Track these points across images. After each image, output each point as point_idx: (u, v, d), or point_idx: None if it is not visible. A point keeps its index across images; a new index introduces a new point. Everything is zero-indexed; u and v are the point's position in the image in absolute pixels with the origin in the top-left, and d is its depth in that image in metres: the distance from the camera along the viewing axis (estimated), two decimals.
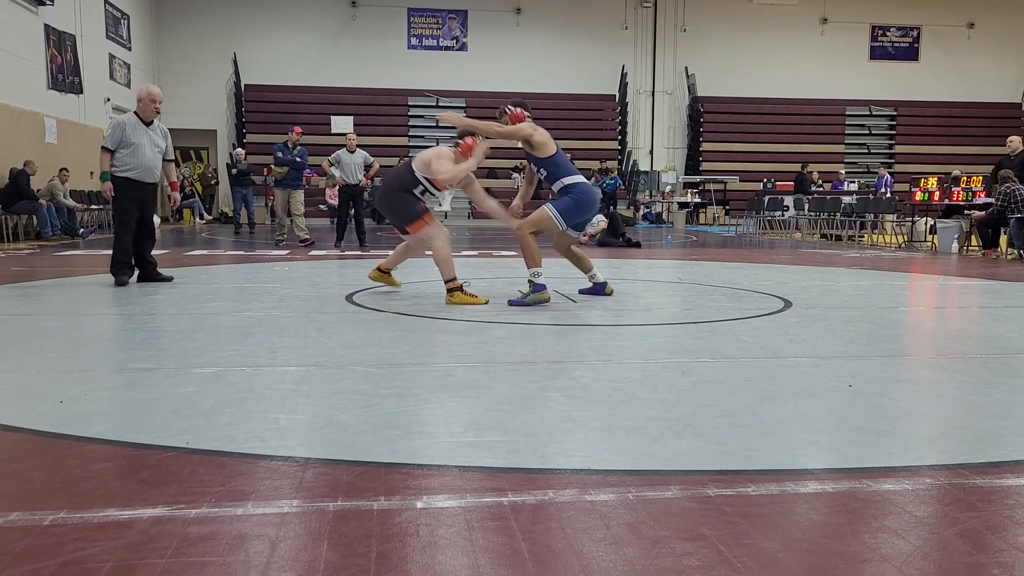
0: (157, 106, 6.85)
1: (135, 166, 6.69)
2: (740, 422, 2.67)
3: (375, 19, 24.00)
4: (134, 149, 6.65)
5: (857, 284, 7.28)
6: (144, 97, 6.79)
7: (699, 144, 24.97)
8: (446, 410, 2.79)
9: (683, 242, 14.76)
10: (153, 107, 6.81)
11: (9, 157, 13.58)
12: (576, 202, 5.66)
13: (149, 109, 6.79)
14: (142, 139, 6.71)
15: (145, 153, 6.71)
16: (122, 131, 6.64)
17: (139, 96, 6.83)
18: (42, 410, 2.76)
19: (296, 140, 11.70)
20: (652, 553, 1.71)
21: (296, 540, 1.76)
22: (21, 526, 1.81)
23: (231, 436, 2.47)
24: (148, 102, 6.77)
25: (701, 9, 24.99)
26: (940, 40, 26.04)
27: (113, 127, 6.74)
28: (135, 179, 6.69)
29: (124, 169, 6.65)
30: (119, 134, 6.64)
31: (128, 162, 6.66)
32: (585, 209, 5.71)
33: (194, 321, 4.72)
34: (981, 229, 11.44)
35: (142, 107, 6.78)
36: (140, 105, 6.79)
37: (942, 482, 2.15)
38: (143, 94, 6.81)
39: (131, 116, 6.76)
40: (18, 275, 7.46)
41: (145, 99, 6.77)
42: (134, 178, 6.68)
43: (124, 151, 6.64)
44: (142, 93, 6.83)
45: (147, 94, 6.80)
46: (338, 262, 9.29)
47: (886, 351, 4.06)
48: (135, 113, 6.78)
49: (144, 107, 6.77)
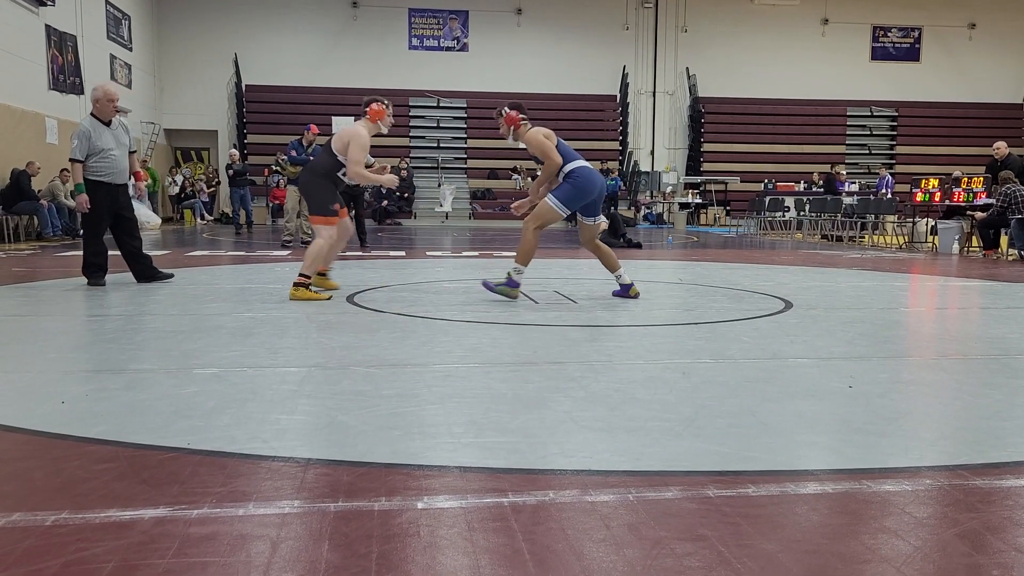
0: (115, 105, 6.68)
1: (107, 170, 6.56)
2: (740, 423, 2.67)
3: (376, 19, 24.02)
4: (103, 154, 6.51)
5: (858, 285, 7.28)
6: (101, 98, 6.56)
7: (700, 145, 24.97)
8: (447, 411, 2.79)
9: (684, 243, 14.76)
10: (112, 107, 6.63)
11: (10, 157, 13.59)
12: (574, 187, 5.64)
13: (108, 109, 6.60)
14: (108, 142, 6.55)
15: (115, 155, 6.59)
16: (88, 139, 6.45)
17: (95, 97, 6.58)
18: (44, 411, 2.77)
19: (312, 139, 11.63)
20: (652, 554, 1.71)
21: (297, 541, 1.76)
22: (23, 526, 1.81)
23: (232, 437, 2.47)
24: (106, 102, 6.57)
25: (702, 10, 24.99)
26: (941, 40, 26.04)
27: (79, 137, 6.46)
28: (107, 182, 6.57)
29: (97, 175, 6.51)
30: (86, 143, 6.44)
31: (100, 167, 6.52)
32: (586, 192, 5.67)
33: (195, 322, 4.72)
34: (982, 230, 11.44)
35: (100, 108, 6.57)
36: (98, 106, 6.57)
37: (942, 483, 2.15)
38: (100, 95, 6.58)
39: (91, 121, 6.54)
40: (19, 275, 7.47)
41: (103, 100, 6.56)
42: (107, 182, 6.56)
43: (94, 157, 6.48)
44: (99, 94, 6.59)
45: (104, 94, 6.57)
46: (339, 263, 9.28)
47: (886, 352, 4.06)
48: (93, 116, 6.57)
49: (102, 108, 6.58)
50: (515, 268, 5.66)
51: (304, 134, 11.59)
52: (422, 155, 24.20)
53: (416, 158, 23.94)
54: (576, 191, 5.64)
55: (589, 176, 5.68)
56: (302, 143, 11.56)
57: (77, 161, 6.44)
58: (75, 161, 6.45)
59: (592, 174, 5.73)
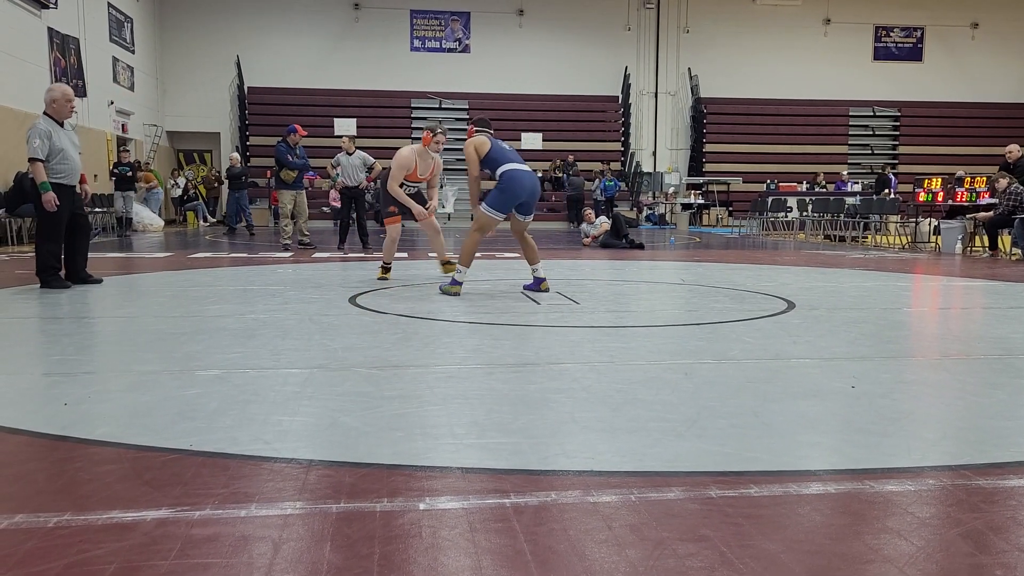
0: (72, 106, 6.64)
1: (67, 172, 6.51)
2: (743, 423, 2.67)
3: (378, 21, 24.04)
4: (63, 154, 6.46)
5: (860, 285, 7.27)
6: (59, 98, 6.50)
7: (702, 145, 24.97)
8: (449, 412, 2.79)
9: (686, 243, 14.75)
10: (70, 107, 6.59)
11: (13, 160, 13.62)
12: (501, 191, 6.09)
13: (66, 109, 6.55)
14: (65, 142, 6.50)
15: (72, 156, 6.56)
16: (49, 138, 6.38)
17: (53, 97, 6.49)
18: (46, 412, 2.77)
19: (298, 140, 11.52)
20: (655, 554, 1.71)
21: (299, 542, 1.76)
22: (26, 528, 1.81)
23: (235, 438, 2.48)
24: (64, 102, 6.51)
25: (704, 10, 24.98)
26: (944, 40, 26.00)
27: (40, 136, 6.35)
28: (66, 184, 6.52)
29: (58, 176, 6.46)
30: (47, 142, 6.37)
31: (60, 168, 6.46)
32: (515, 195, 6.10)
33: (198, 323, 4.73)
34: (990, 230, 11.42)
35: (57, 108, 6.48)
36: (55, 106, 6.48)
37: (945, 483, 2.15)
38: (58, 95, 6.50)
39: (47, 121, 6.45)
40: (22, 278, 7.48)
41: (61, 99, 6.49)
42: (66, 183, 6.52)
43: (54, 158, 6.42)
44: (56, 94, 6.51)
45: (63, 94, 6.52)
46: (341, 264, 9.30)
47: (889, 352, 4.05)
48: (48, 116, 6.48)
49: (60, 108, 6.50)
50: (459, 270, 6.16)
51: (290, 136, 11.45)
52: None
53: None
54: (503, 196, 6.10)
55: (516, 179, 6.06)
56: (290, 145, 11.41)
57: (39, 160, 6.35)
58: (36, 160, 6.35)
59: (519, 177, 6.07)
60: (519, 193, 6.10)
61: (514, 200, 6.14)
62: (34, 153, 6.35)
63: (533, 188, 6.20)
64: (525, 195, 6.15)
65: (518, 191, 6.08)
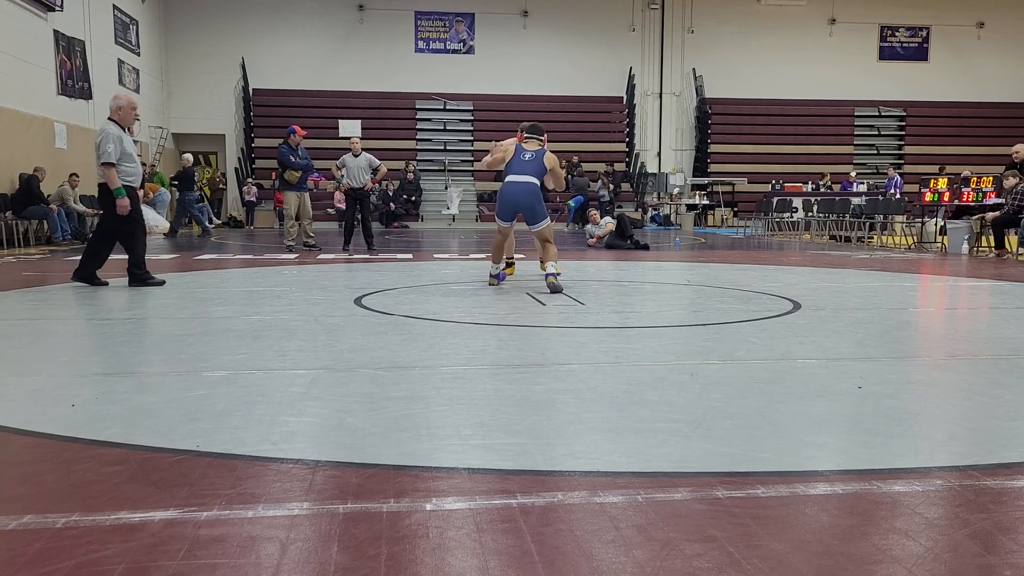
0: (137, 113, 6.90)
1: (135, 174, 6.72)
2: (749, 424, 2.66)
3: (382, 22, 24.06)
4: (129, 158, 6.66)
5: (866, 285, 7.25)
6: (125, 106, 6.75)
7: (707, 146, 24.94)
8: (455, 412, 2.79)
9: (691, 244, 14.73)
10: (134, 115, 6.85)
11: (20, 162, 13.67)
12: (497, 202, 6.90)
13: (131, 117, 6.79)
14: (130, 147, 6.73)
15: (135, 160, 6.77)
16: (119, 142, 6.59)
17: (119, 105, 6.73)
18: (54, 414, 2.78)
19: (298, 141, 11.53)
20: (661, 555, 1.71)
21: (306, 542, 1.77)
22: (34, 529, 1.82)
23: (241, 439, 2.48)
24: (129, 110, 6.77)
25: (709, 11, 24.95)
26: (949, 40, 25.93)
27: (112, 140, 6.56)
28: (132, 186, 6.71)
29: (127, 179, 6.64)
30: (119, 146, 6.57)
31: (129, 171, 6.66)
32: (501, 203, 6.76)
33: (204, 325, 4.74)
34: (996, 229, 11.38)
35: (123, 115, 6.72)
36: (121, 113, 6.72)
37: (953, 484, 2.14)
38: (124, 103, 6.76)
39: (114, 126, 6.64)
40: (29, 280, 7.51)
41: (126, 107, 6.75)
42: (132, 186, 6.71)
43: (123, 162, 6.60)
44: (123, 102, 6.76)
45: (128, 102, 6.79)
46: (346, 265, 9.31)
47: (896, 352, 4.04)
48: (113, 121, 6.67)
49: (125, 115, 6.74)
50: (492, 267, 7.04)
51: (290, 137, 11.44)
52: (429, 158, 24.24)
53: (423, 161, 23.97)
54: (497, 204, 6.85)
55: (502, 191, 6.73)
56: (291, 146, 11.42)
57: (111, 164, 6.53)
58: (109, 164, 6.52)
59: (504, 189, 6.69)
60: (504, 203, 6.70)
61: (501, 209, 6.76)
62: (108, 158, 6.53)
63: (515, 200, 6.62)
64: (509, 206, 6.68)
65: (503, 201, 6.71)
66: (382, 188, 21.07)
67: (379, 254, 11.04)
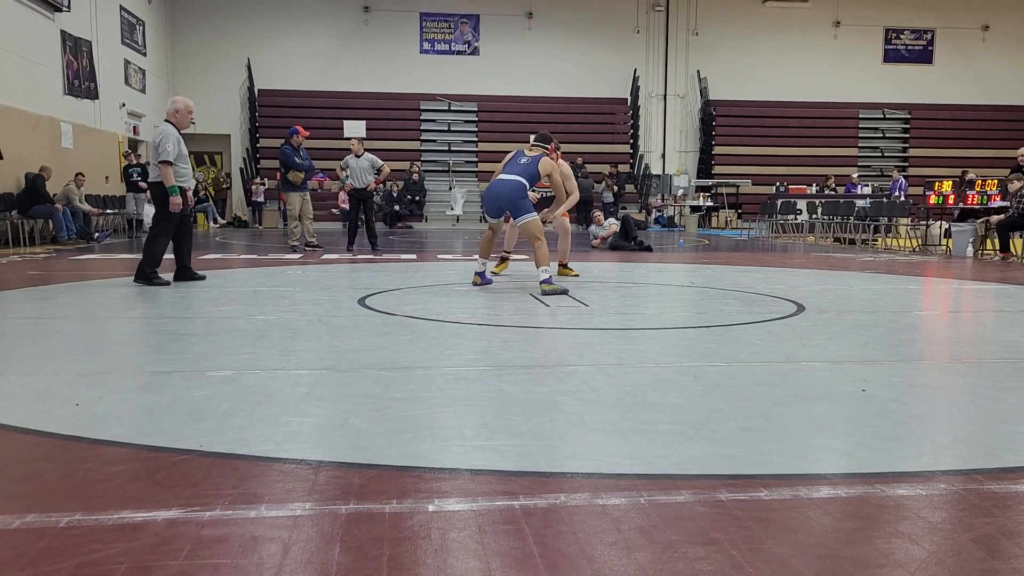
0: (192, 117, 7.20)
1: (187, 175, 7.02)
2: (753, 426, 2.66)
3: (387, 24, 24.09)
4: (183, 159, 6.97)
5: (871, 288, 7.24)
6: (183, 108, 7.04)
7: (711, 147, 24.91)
8: (458, 413, 2.79)
9: (695, 246, 14.72)
10: (190, 118, 7.15)
11: (26, 161, 13.70)
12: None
13: (187, 120, 7.10)
14: (185, 149, 7.02)
15: (188, 162, 7.08)
16: (177, 143, 6.87)
17: (177, 108, 7.04)
18: (58, 413, 2.79)
19: (301, 142, 11.53)
20: (664, 557, 1.71)
21: (308, 543, 1.77)
22: (37, 528, 1.82)
23: (245, 439, 2.48)
24: (186, 113, 7.07)
25: (713, 12, 24.93)
26: (954, 43, 25.88)
27: (172, 140, 6.83)
28: (184, 186, 6.96)
29: (180, 180, 6.91)
30: (176, 146, 6.85)
31: (183, 172, 6.95)
32: (484, 200, 7.00)
33: (208, 324, 4.75)
34: (1001, 232, 11.36)
35: (180, 117, 7.02)
36: (178, 116, 7.02)
37: (956, 487, 2.14)
38: (182, 106, 7.05)
39: (172, 127, 6.93)
40: (35, 279, 7.53)
41: (184, 110, 7.05)
42: (184, 186, 6.96)
43: (178, 163, 6.89)
44: (180, 105, 7.06)
45: (185, 106, 7.08)
46: (350, 266, 9.32)
47: (900, 355, 4.04)
48: (170, 123, 6.96)
49: (182, 117, 7.04)
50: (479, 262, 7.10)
51: (293, 137, 11.43)
52: (433, 159, 24.25)
53: (427, 161, 23.99)
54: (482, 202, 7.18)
55: (485, 189, 7.01)
56: (294, 147, 11.42)
57: (169, 163, 6.77)
58: (167, 163, 6.76)
59: (487, 187, 6.92)
60: (485, 199, 6.95)
61: (484, 205, 7.04)
62: (166, 156, 6.78)
63: (495, 194, 6.74)
64: (489, 200, 6.85)
65: (484, 197, 6.98)
66: (387, 189, 21.10)
67: (383, 254, 11.05)
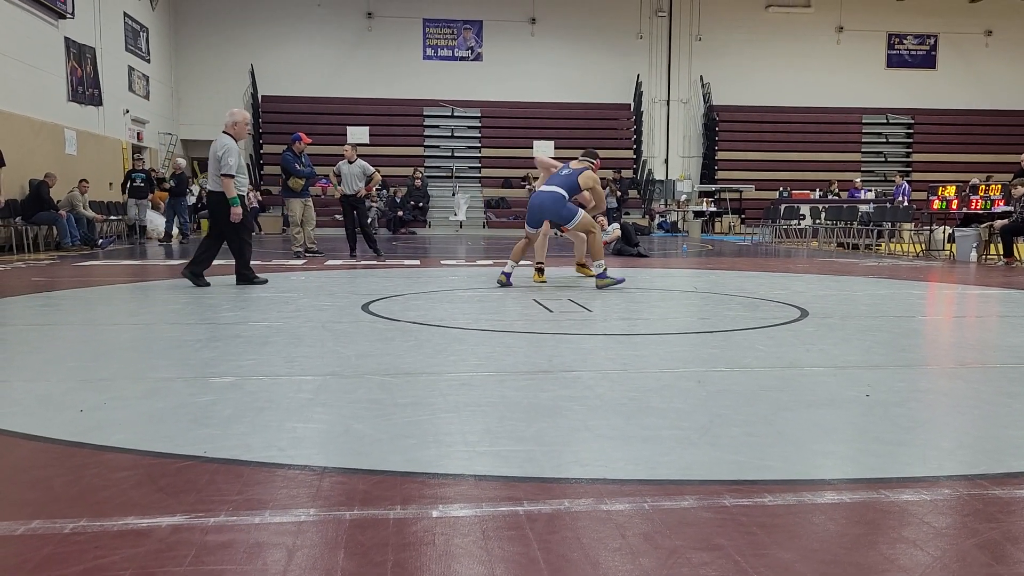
0: (250, 128, 7.56)
1: (245, 185, 7.39)
2: (756, 432, 2.66)
3: (391, 30, 24.16)
4: (241, 169, 7.29)
5: (874, 293, 7.23)
6: (241, 121, 7.38)
7: (714, 153, 24.92)
8: (461, 419, 2.80)
9: (699, 251, 14.72)
10: (247, 130, 7.49)
11: (30, 168, 13.75)
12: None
13: (244, 131, 7.42)
14: (243, 160, 7.35)
15: (246, 172, 7.40)
16: (239, 156, 7.20)
17: (235, 120, 7.34)
18: (63, 419, 2.79)
19: (302, 148, 11.58)
20: (668, 563, 1.70)
21: (313, 549, 1.77)
22: (42, 534, 1.83)
23: (248, 445, 2.49)
24: (244, 125, 7.41)
25: (716, 18, 24.97)
26: (957, 48, 25.89)
27: (234, 154, 7.15)
28: (243, 195, 7.31)
29: (240, 189, 7.24)
30: (239, 159, 7.18)
31: (243, 182, 7.31)
32: (528, 211, 7.55)
33: (212, 331, 4.76)
34: (1005, 237, 11.34)
35: (238, 129, 7.33)
36: (237, 128, 7.34)
37: (961, 493, 2.13)
38: (240, 119, 7.38)
39: (231, 140, 7.22)
40: (39, 285, 7.54)
41: (242, 123, 7.38)
42: (243, 195, 7.32)
43: (237, 173, 7.19)
44: (239, 117, 7.38)
45: (243, 119, 7.42)
46: (353, 272, 9.33)
47: (904, 361, 4.03)
48: (229, 135, 7.24)
49: (240, 129, 7.36)
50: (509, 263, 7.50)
51: (295, 144, 11.46)
52: (436, 164, 24.29)
53: (430, 167, 24.03)
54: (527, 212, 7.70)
55: (529, 200, 7.67)
56: (296, 153, 11.45)
57: (231, 176, 7.09)
58: (230, 176, 7.09)
59: (531, 198, 7.60)
60: (529, 209, 7.52)
61: (528, 215, 7.56)
62: (230, 170, 7.13)
63: (539, 205, 7.34)
64: (532, 212, 7.43)
65: (528, 207, 7.55)
66: (390, 195, 21.12)
67: (386, 260, 11.06)
